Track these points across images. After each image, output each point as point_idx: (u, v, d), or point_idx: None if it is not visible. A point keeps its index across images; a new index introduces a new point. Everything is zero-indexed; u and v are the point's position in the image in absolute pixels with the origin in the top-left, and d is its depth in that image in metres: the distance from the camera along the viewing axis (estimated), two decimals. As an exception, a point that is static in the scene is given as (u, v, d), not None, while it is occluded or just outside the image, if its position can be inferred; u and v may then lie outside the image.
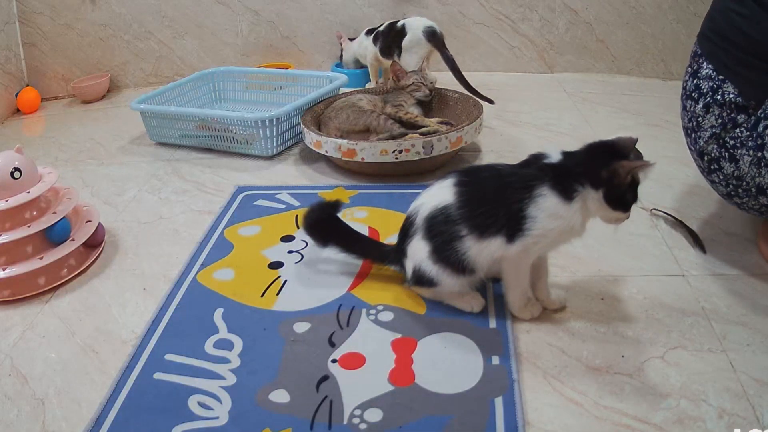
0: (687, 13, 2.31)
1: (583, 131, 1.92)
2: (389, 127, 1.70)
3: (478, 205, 1.02)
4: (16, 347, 1.14)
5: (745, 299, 1.14)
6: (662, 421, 0.89)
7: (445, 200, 1.05)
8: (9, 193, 1.25)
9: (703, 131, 1.18)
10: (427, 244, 1.07)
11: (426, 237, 1.07)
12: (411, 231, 1.10)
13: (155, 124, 2.00)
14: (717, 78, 1.15)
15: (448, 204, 1.04)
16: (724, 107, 1.13)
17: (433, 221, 1.06)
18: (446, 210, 1.04)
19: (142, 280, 1.31)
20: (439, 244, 1.06)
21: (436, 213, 1.06)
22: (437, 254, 1.07)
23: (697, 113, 1.19)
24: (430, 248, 1.07)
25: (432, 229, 1.06)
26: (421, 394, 0.95)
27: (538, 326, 1.09)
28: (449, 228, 1.04)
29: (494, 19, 2.49)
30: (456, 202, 1.03)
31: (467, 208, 1.03)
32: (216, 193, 1.66)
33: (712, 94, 1.15)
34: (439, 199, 1.06)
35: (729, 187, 1.17)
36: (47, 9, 2.56)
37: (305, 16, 2.57)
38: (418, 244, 1.09)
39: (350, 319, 1.13)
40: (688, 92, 1.22)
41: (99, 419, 0.95)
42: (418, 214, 1.09)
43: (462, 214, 1.03)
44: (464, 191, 1.04)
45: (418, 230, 1.09)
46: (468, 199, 1.03)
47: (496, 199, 1.01)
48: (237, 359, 1.05)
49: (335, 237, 1.22)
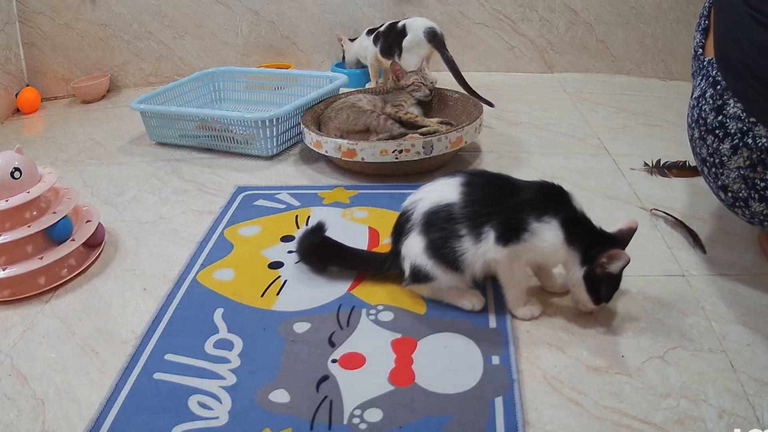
0: (687, 13, 2.31)
1: (583, 131, 1.91)
2: (389, 127, 1.70)
3: (482, 207, 1.03)
4: (16, 347, 1.14)
5: (745, 299, 1.14)
6: (662, 421, 0.89)
7: (449, 198, 1.05)
8: (9, 193, 1.25)
9: (728, 170, 1.09)
10: (423, 239, 1.08)
11: (423, 232, 1.08)
12: (406, 228, 1.10)
13: (155, 124, 2.00)
14: (748, 120, 1.04)
15: (452, 202, 1.05)
16: (755, 151, 1.04)
17: (434, 217, 1.06)
18: (449, 207, 1.05)
19: (142, 280, 1.31)
20: (437, 239, 1.06)
21: (437, 209, 1.06)
22: (433, 250, 1.07)
23: (722, 152, 1.09)
24: (426, 243, 1.08)
25: (431, 225, 1.07)
26: (421, 394, 0.96)
27: (538, 326, 1.09)
28: (450, 225, 1.04)
29: (494, 19, 2.49)
30: (461, 202, 1.04)
31: (471, 209, 1.04)
32: (216, 193, 1.66)
33: (741, 137, 1.05)
34: (442, 196, 1.06)
35: (755, 220, 1.12)
36: (47, 9, 2.56)
37: (305, 16, 2.57)
38: (413, 240, 1.09)
39: (350, 319, 1.13)
40: (709, 126, 1.10)
41: (99, 419, 0.95)
42: (415, 210, 1.09)
43: (465, 214, 1.04)
44: (471, 192, 1.05)
45: (414, 226, 1.09)
46: (474, 201, 1.04)
47: (504, 202, 1.03)
48: (237, 359, 1.05)
49: (331, 258, 1.25)
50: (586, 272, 1.02)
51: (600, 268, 1.01)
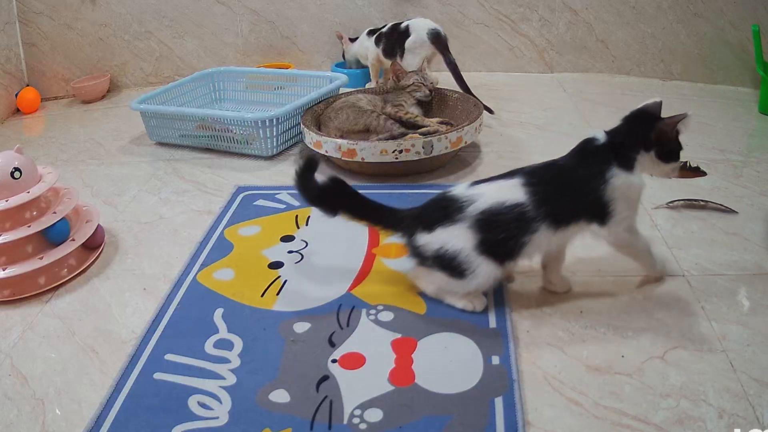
0: (687, 13, 2.31)
1: (583, 131, 1.90)
2: (389, 127, 1.70)
3: (558, 201, 1.07)
4: (16, 347, 1.14)
5: (745, 299, 1.14)
6: (662, 421, 0.89)
7: (515, 198, 1.06)
8: (9, 193, 1.25)
9: None
10: (476, 234, 1.07)
11: (477, 228, 1.07)
12: (455, 216, 1.08)
13: (155, 124, 2.00)
14: None
15: (520, 202, 1.06)
16: None
17: (497, 216, 1.06)
18: (518, 207, 1.05)
19: (142, 280, 1.31)
20: (500, 237, 1.06)
21: (502, 209, 1.06)
22: (488, 245, 1.06)
23: None
24: (480, 239, 1.06)
25: (491, 223, 1.06)
26: (421, 394, 0.95)
27: (538, 326, 1.09)
28: (521, 224, 1.05)
29: (494, 19, 2.49)
30: (531, 201, 1.06)
31: (548, 206, 1.06)
32: (216, 193, 1.66)
33: None
34: (504, 196, 1.07)
35: None
36: (47, 9, 2.56)
37: (305, 16, 2.57)
38: (460, 232, 1.07)
39: (350, 319, 1.13)
40: None
41: (99, 419, 0.95)
42: (472, 204, 1.08)
43: (542, 212, 1.05)
44: (537, 191, 1.06)
45: (465, 219, 1.07)
46: (545, 198, 1.06)
47: (577, 191, 1.08)
48: (237, 359, 1.05)
49: (343, 203, 1.17)
50: (655, 153, 1.07)
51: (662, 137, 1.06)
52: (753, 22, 2.07)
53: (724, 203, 1.43)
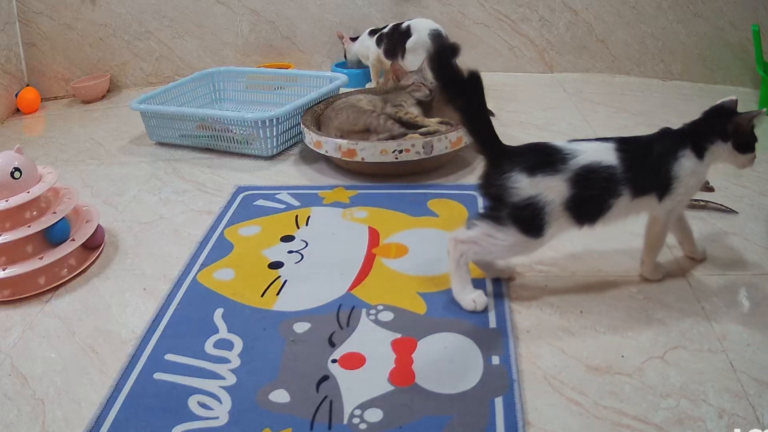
0: (687, 13, 2.31)
1: (583, 131, 1.92)
2: (389, 127, 1.69)
3: (640, 170, 1.09)
4: (16, 347, 1.14)
5: (745, 299, 1.14)
6: (662, 421, 0.89)
7: (608, 160, 1.07)
8: (9, 193, 1.25)
9: None
10: (570, 188, 1.05)
11: (573, 182, 1.05)
12: (558, 166, 1.06)
13: (155, 124, 2.00)
14: None
15: (612, 165, 1.07)
16: None
17: (592, 174, 1.06)
18: (610, 169, 1.07)
19: (142, 280, 1.31)
20: (591, 195, 1.07)
21: (598, 168, 1.07)
22: (577, 202, 1.06)
23: None
24: (572, 194, 1.05)
25: (587, 180, 1.06)
26: (421, 394, 0.95)
27: (538, 326, 1.09)
28: (610, 186, 1.07)
29: (494, 19, 2.49)
30: (621, 165, 1.07)
31: (632, 172, 1.08)
32: (216, 193, 1.66)
33: None
34: (601, 157, 1.08)
35: None
36: (47, 9, 2.56)
37: (305, 16, 2.57)
38: (557, 183, 1.05)
39: (350, 319, 1.13)
40: None
41: (99, 419, 0.95)
42: (574, 158, 1.06)
43: (628, 177, 1.07)
44: (627, 157, 1.08)
45: (566, 171, 1.05)
46: (632, 165, 1.08)
47: (653, 164, 1.11)
48: (237, 359, 1.05)
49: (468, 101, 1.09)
50: (732, 144, 1.12)
51: (739, 130, 1.12)
52: (753, 22, 2.07)
53: (724, 203, 1.43)
